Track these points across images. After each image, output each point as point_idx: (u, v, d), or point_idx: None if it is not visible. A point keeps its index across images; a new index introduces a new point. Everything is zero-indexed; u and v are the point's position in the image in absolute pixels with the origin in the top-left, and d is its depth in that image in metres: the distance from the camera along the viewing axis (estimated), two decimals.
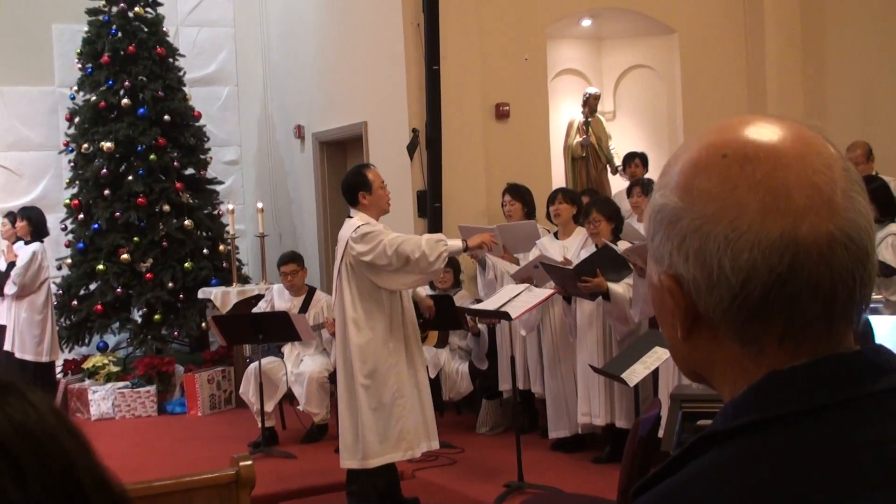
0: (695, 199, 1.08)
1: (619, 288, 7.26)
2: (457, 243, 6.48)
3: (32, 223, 10.29)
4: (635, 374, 5.64)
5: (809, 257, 1.03)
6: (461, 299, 8.76)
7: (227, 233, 11.29)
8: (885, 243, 6.80)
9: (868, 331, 3.28)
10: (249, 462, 4.00)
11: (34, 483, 0.95)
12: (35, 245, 10.19)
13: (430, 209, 9.77)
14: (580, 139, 11.06)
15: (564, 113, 11.34)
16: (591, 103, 11.08)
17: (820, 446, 1.01)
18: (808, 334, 1.06)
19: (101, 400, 10.32)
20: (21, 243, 10.27)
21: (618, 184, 10.90)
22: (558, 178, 10.88)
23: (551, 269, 7.50)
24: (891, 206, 6.99)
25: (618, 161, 10.88)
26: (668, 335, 1.16)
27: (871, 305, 5.75)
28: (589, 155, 11.05)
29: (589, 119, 11.08)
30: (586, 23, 11.42)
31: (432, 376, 8.77)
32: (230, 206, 11.21)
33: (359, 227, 6.28)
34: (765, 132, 1.09)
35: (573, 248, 7.92)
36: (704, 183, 1.08)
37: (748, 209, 1.04)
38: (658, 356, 5.74)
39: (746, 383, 1.08)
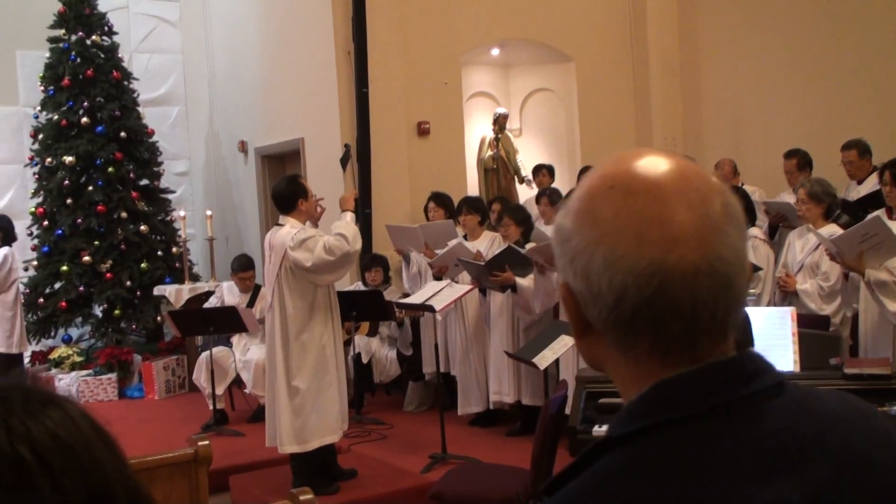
0: (583, 223, 1.07)
1: (525, 281, 7.31)
2: (349, 216, 6.44)
3: (1, 229, 9.99)
4: (545, 358, 5.66)
5: (674, 284, 1.02)
6: (390, 294, 8.73)
7: (179, 236, 11.11)
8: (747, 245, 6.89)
9: (746, 324, 3.32)
10: (206, 442, 3.93)
11: (71, 496, 0.87)
12: (5, 249, 9.89)
13: (361, 214, 9.69)
14: (491, 153, 11.09)
15: (477, 130, 11.36)
16: (500, 122, 11.13)
17: (705, 446, 1.01)
18: (674, 347, 1.05)
19: (66, 387, 10.07)
20: None
21: (524, 192, 10.96)
22: (473, 187, 10.90)
23: (467, 265, 7.54)
24: (751, 212, 7.10)
25: (524, 172, 10.95)
26: (572, 331, 1.16)
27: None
28: (499, 167, 11.08)
29: (499, 135, 11.11)
30: (495, 52, 11.46)
31: (364, 362, 8.75)
32: (181, 213, 11.07)
33: (294, 234, 6.15)
34: (651, 168, 1.07)
35: (483, 247, 7.98)
36: (593, 209, 1.07)
37: (625, 236, 1.03)
38: (565, 343, 5.77)
39: (632, 384, 1.08)
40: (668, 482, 0.99)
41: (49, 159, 10.92)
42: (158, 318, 10.91)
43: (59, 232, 10.82)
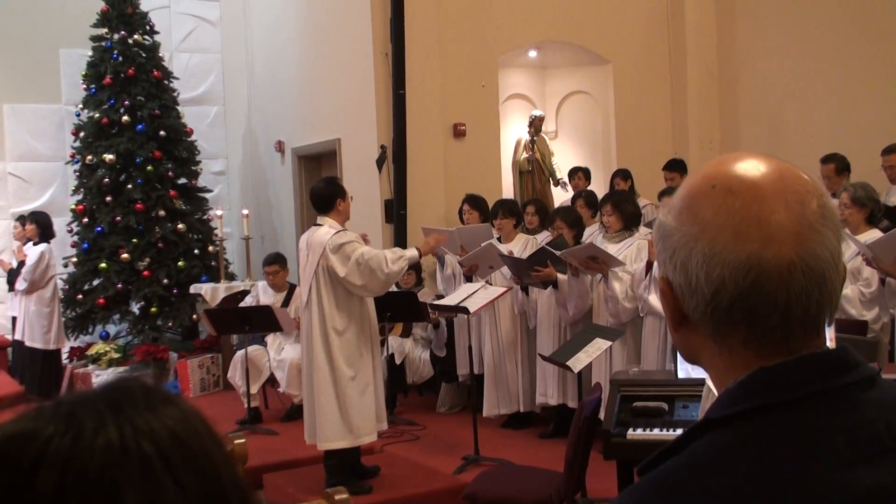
0: (684, 220, 1.13)
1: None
2: (413, 253, 6.43)
3: (40, 226, 10.15)
4: (579, 361, 5.66)
5: (770, 278, 1.07)
6: (424, 296, 8.75)
7: (216, 235, 11.21)
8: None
9: None
10: (242, 440, 3.95)
11: (190, 493, 0.89)
12: (42, 246, 10.06)
13: (395, 216, 9.76)
14: (527, 155, 11.08)
15: (513, 132, 11.35)
16: (536, 124, 11.11)
17: (802, 431, 1.05)
18: (768, 339, 1.10)
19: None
20: (30, 244, 10.13)
21: (559, 195, 10.94)
22: (507, 189, 10.89)
23: (508, 260, 7.53)
24: None
25: (560, 174, 10.93)
26: (668, 323, 1.21)
27: None
28: (534, 169, 11.07)
29: (534, 138, 11.10)
30: (532, 53, 11.45)
31: (398, 363, 8.77)
32: (218, 212, 11.16)
33: (334, 235, 6.19)
34: (751, 169, 1.12)
35: (516, 250, 7.96)
36: (693, 207, 1.12)
37: (724, 233, 1.09)
38: (598, 346, 5.76)
39: (726, 374, 1.13)
40: (767, 463, 1.03)
41: (90, 157, 11.04)
42: (194, 316, 11.00)
43: (99, 229, 10.93)
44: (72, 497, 0.85)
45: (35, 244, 10.08)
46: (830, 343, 4.04)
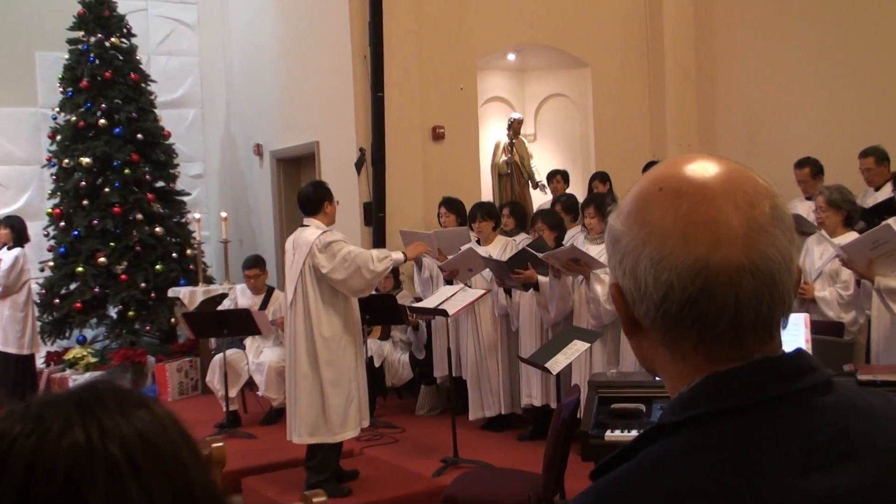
0: (632, 224, 1.10)
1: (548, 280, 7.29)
2: (399, 256, 6.54)
3: (14, 230, 10.03)
4: (557, 363, 5.67)
5: (718, 282, 1.04)
6: (402, 298, 8.73)
7: (194, 239, 11.16)
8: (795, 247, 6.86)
9: None
10: (221, 444, 3.94)
11: (157, 498, 0.88)
12: (17, 250, 9.94)
13: (374, 218, 9.76)
14: (506, 158, 11.10)
15: (492, 135, 11.37)
16: (515, 127, 11.13)
17: (755, 437, 1.03)
18: (719, 345, 1.08)
19: None
20: (4, 248, 10.03)
21: (538, 197, 10.96)
22: (486, 192, 10.91)
23: (489, 262, 7.56)
24: None
25: (538, 177, 10.95)
26: (623, 330, 1.19)
27: None
28: (513, 172, 11.09)
29: (513, 140, 11.12)
30: (511, 57, 11.48)
31: (377, 365, 8.76)
32: (196, 215, 11.10)
33: (321, 235, 6.23)
34: (699, 170, 1.10)
35: (495, 252, 7.97)
36: (641, 211, 1.10)
37: (671, 237, 1.06)
38: (577, 348, 5.78)
39: (680, 380, 1.11)
40: (716, 471, 1.01)
41: (66, 161, 10.96)
42: (172, 319, 10.93)
43: (76, 233, 10.86)
44: (35, 497, 0.85)
45: (9, 248, 9.99)
46: (807, 344, 4.06)
